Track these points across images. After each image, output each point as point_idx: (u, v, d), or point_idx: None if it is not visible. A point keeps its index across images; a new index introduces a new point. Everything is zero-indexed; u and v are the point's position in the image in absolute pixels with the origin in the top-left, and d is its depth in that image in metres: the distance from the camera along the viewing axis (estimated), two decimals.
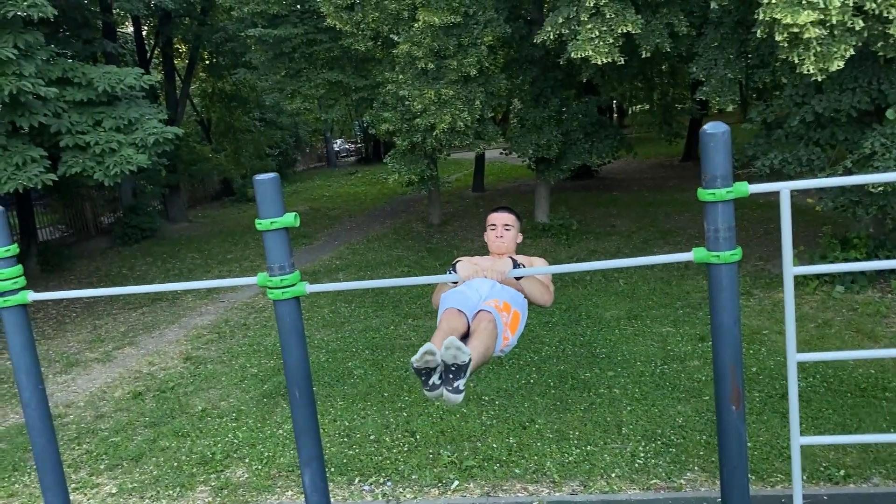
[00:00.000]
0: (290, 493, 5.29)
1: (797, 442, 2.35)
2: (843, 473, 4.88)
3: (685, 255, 2.26)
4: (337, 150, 37.50)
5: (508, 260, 3.02)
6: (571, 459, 5.35)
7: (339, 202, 21.25)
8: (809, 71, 7.35)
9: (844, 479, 4.84)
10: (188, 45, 20.72)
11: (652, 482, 5.00)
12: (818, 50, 7.17)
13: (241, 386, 7.43)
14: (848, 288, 8.64)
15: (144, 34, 20.22)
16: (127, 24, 21.22)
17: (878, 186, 7.72)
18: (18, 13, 8.16)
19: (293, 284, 2.45)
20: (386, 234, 15.36)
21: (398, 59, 11.57)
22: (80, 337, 9.85)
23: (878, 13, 6.98)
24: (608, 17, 8.95)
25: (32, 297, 2.67)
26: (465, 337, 2.70)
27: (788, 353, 2.29)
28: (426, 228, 15.40)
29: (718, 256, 2.15)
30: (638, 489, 4.94)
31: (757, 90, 19.74)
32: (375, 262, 12.77)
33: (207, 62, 22.11)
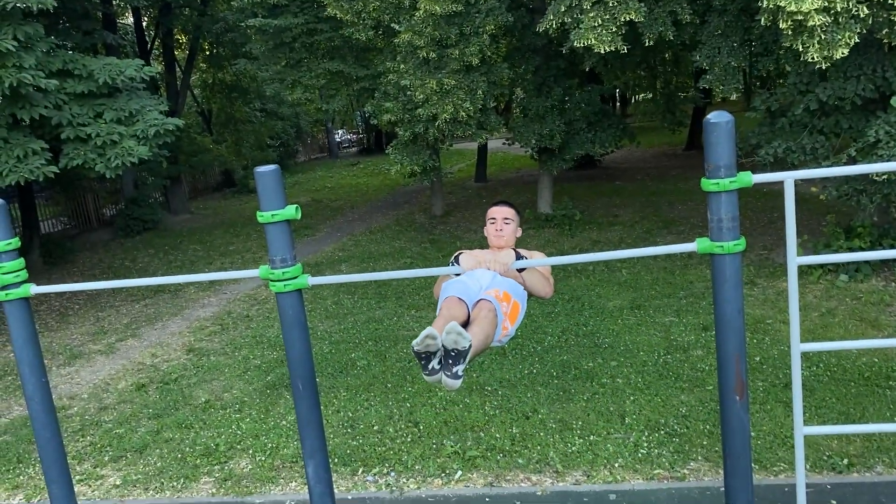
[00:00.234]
0: (293, 484, 5.32)
1: (801, 432, 2.35)
2: (846, 462, 4.89)
3: (688, 245, 2.25)
4: (338, 140, 37.40)
5: (511, 252, 3.04)
6: (574, 449, 5.37)
7: (340, 193, 21.23)
8: (814, 59, 7.31)
9: (848, 468, 4.86)
10: (188, 35, 20.66)
11: (655, 472, 5.02)
12: (822, 37, 7.13)
13: (244, 377, 7.45)
14: (852, 277, 8.63)
15: (144, 25, 20.17)
16: (127, 14, 21.17)
17: (882, 175, 7.69)
18: (18, 4, 8.13)
19: (295, 277, 2.45)
20: (388, 225, 15.35)
21: (399, 48, 11.53)
22: (83, 329, 9.88)
23: (882, 0, 6.93)
24: (611, 5, 8.90)
25: (35, 290, 2.68)
26: (464, 325, 2.71)
27: (792, 342, 2.29)
28: (429, 219, 15.39)
29: (722, 247, 2.15)
30: (641, 479, 4.96)
31: (761, 78, 19.70)
32: (378, 253, 12.77)
33: (208, 52, 22.05)
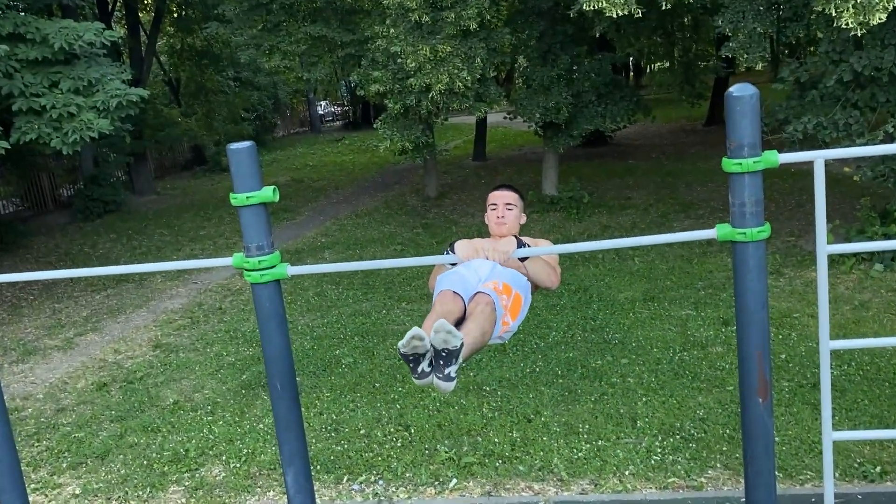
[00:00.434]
0: (271, 493, 5.34)
1: (829, 437, 2.36)
2: (879, 470, 4.91)
3: (707, 232, 2.25)
4: (321, 113, 37.32)
5: (512, 239, 3.01)
6: (581, 455, 5.40)
7: (324, 172, 21.19)
8: (848, 25, 7.29)
9: (881, 476, 4.88)
10: None
11: (670, 480, 5.05)
12: (858, 1, 7.11)
13: (216, 376, 7.46)
14: (888, 266, 8.66)
15: None
16: None
17: None
18: None
19: (273, 266, 2.43)
20: (377, 207, 15.33)
21: (389, 10, 11.45)
22: (38, 322, 9.86)
23: None
24: None
25: None
26: (461, 321, 2.70)
27: (821, 338, 2.30)
28: (421, 202, 15.38)
29: (745, 234, 2.14)
30: (654, 488, 4.99)
31: (789, 46, 19.61)
32: (365, 239, 12.77)
33: (175, 15, 21.89)
